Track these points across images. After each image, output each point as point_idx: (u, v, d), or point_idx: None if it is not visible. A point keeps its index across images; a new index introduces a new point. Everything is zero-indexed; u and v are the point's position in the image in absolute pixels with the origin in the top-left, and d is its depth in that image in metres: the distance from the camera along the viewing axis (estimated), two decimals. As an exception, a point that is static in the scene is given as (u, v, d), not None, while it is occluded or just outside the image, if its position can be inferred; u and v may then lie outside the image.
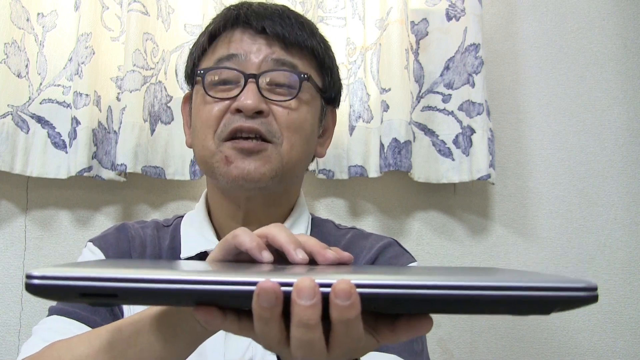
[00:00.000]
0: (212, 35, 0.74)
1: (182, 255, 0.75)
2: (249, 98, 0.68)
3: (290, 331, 0.38)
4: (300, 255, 0.42)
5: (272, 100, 0.70)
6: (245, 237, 0.43)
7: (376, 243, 0.78)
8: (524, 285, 0.36)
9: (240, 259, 0.45)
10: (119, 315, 0.71)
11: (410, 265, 0.76)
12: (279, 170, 0.71)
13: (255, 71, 0.70)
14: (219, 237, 0.77)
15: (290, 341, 0.38)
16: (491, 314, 0.37)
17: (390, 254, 0.77)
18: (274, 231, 0.44)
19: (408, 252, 0.80)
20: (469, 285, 0.36)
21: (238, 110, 0.69)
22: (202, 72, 0.72)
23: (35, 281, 0.37)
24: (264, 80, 0.70)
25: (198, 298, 0.38)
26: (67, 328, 0.67)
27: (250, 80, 0.69)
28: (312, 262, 0.44)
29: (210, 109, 0.71)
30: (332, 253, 0.42)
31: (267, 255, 0.43)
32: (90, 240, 0.80)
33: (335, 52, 0.83)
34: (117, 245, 0.77)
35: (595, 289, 0.36)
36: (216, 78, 0.72)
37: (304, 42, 0.73)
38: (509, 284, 0.36)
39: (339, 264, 0.44)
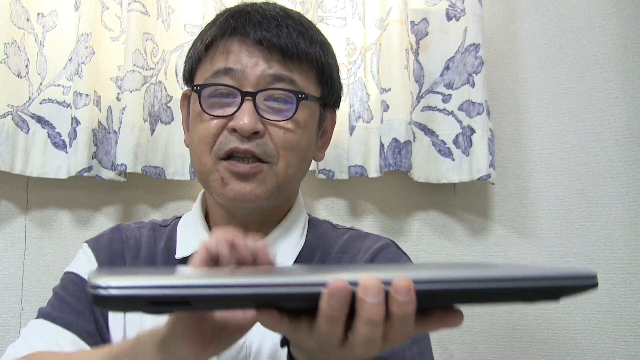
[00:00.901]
0: (209, 44, 0.73)
1: (176, 256, 0.75)
2: (245, 119, 0.68)
3: (355, 329, 0.39)
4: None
5: (268, 119, 0.70)
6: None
7: (373, 244, 0.78)
8: (544, 276, 0.40)
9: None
10: (100, 320, 0.72)
11: None
12: (274, 190, 0.72)
13: (252, 88, 0.70)
14: None
15: (352, 339, 0.40)
16: (510, 302, 0.41)
17: (388, 256, 0.77)
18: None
19: (405, 254, 0.80)
20: (509, 277, 0.39)
21: (234, 130, 0.69)
22: (198, 88, 0.72)
23: (102, 292, 0.36)
24: (260, 98, 0.70)
25: (270, 300, 0.39)
26: (52, 335, 0.68)
27: (247, 98, 0.69)
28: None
29: (207, 127, 0.71)
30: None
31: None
32: (86, 241, 0.81)
33: (335, 52, 0.82)
34: (109, 246, 0.78)
35: (595, 276, 0.40)
36: (213, 92, 0.71)
37: (303, 52, 0.72)
38: (534, 274, 0.40)
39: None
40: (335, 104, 0.81)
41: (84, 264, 0.77)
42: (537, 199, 1.27)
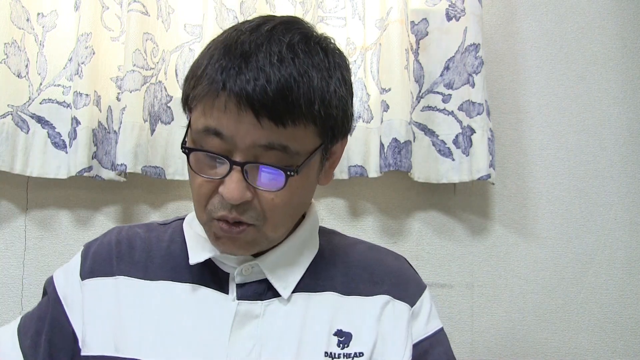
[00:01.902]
0: (198, 94, 0.68)
1: (190, 262, 0.75)
2: (232, 190, 0.66)
3: None
4: None
5: (257, 187, 0.67)
6: None
7: (390, 258, 0.80)
8: None
9: None
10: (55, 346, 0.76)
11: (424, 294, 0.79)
12: (264, 245, 0.72)
13: (240, 158, 0.66)
14: None
15: None
16: None
17: (411, 277, 0.79)
18: None
19: (416, 271, 0.82)
20: None
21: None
22: (187, 150, 0.69)
23: None
24: (250, 166, 0.67)
25: None
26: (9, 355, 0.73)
27: (235, 167, 0.66)
28: None
29: (200, 187, 0.70)
30: None
31: None
32: (84, 245, 0.82)
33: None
34: (96, 253, 0.79)
35: None
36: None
37: (297, 116, 0.65)
38: None
39: None
40: (345, 136, 0.76)
41: (68, 273, 0.78)
42: (537, 199, 1.27)
